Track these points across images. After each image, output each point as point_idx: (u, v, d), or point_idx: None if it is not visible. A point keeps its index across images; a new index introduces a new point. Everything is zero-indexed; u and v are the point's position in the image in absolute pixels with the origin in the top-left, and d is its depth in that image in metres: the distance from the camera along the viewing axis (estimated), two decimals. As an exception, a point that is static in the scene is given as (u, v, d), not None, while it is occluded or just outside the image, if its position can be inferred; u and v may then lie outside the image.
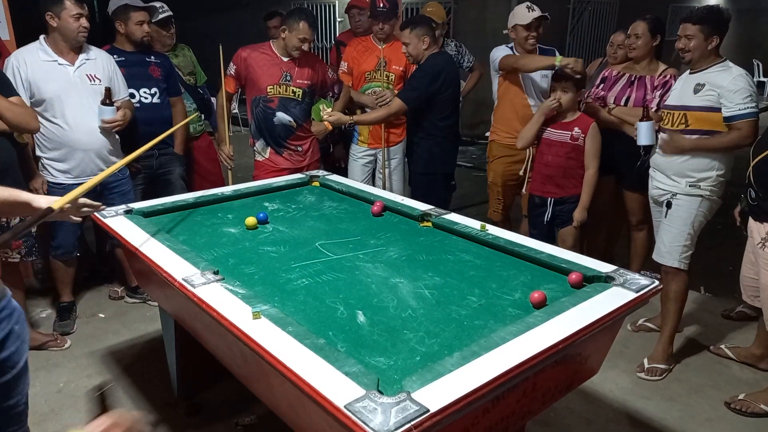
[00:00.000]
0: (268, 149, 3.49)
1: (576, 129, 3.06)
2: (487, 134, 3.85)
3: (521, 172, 3.55)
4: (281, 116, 3.42)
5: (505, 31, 3.61)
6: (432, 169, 3.50)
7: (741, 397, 2.60)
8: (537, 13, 3.40)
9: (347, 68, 3.84)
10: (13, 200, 1.66)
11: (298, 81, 3.40)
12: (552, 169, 3.15)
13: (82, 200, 1.83)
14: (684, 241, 2.76)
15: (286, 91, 3.40)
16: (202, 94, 3.97)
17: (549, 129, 3.15)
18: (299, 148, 3.54)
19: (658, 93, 3.16)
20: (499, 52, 3.54)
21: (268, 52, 3.37)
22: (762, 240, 2.49)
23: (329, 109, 3.36)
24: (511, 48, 3.54)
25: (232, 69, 3.40)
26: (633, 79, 3.28)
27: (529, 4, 3.43)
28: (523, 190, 3.57)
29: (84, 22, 2.88)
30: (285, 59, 3.36)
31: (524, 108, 3.53)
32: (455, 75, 3.50)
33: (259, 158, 3.54)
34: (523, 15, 3.42)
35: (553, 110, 3.10)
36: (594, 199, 3.15)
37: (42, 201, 1.68)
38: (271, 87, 3.36)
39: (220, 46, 4.03)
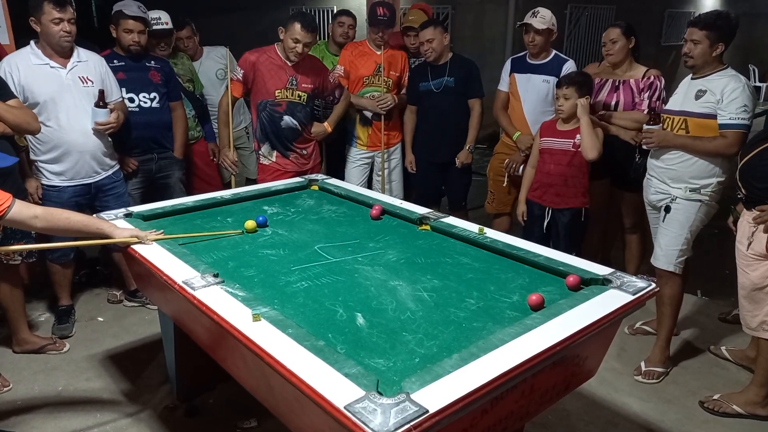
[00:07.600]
0: (274, 153, 3.51)
1: (578, 136, 3.00)
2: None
3: (504, 167, 3.63)
4: (288, 120, 3.45)
5: (518, 24, 3.57)
6: None
7: (716, 397, 2.62)
8: (528, 19, 3.34)
9: (344, 72, 3.84)
10: (95, 230, 2.09)
11: (302, 85, 3.43)
12: (553, 177, 3.11)
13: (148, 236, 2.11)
14: (681, 245, 2.77)
15: (292, 95, 3.42)
16: (200, 101, 3.98)
17: (551, 139, 3.11)
18: (304, 151, 3.58)
19: (645, 95, 3.17)
20: (506, 69, 3.64)
21: (274, 56, 3.38)
22: (748, 239, 2.48)
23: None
24: (524, 55, 3.54)
25: (239, 73, 3.39)
26: (617, 83, 3.26)
27: (535, 10, 3.38)
28: (504, 184, 3.70)
29: (65, 26, 2.84)
30: (290, 63, 3.37)
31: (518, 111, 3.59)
32: None
33: (265, 162, 3.55)
34: (527, 17, 3.38)
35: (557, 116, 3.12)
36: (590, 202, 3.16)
37: (117, 232, 2.10)
38: (279, 91, 3.39)
39: (227, 50, 4.03)
